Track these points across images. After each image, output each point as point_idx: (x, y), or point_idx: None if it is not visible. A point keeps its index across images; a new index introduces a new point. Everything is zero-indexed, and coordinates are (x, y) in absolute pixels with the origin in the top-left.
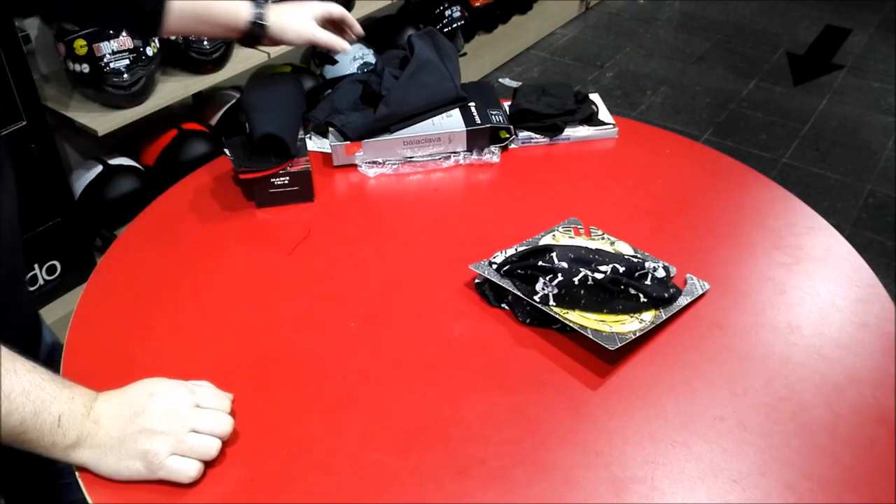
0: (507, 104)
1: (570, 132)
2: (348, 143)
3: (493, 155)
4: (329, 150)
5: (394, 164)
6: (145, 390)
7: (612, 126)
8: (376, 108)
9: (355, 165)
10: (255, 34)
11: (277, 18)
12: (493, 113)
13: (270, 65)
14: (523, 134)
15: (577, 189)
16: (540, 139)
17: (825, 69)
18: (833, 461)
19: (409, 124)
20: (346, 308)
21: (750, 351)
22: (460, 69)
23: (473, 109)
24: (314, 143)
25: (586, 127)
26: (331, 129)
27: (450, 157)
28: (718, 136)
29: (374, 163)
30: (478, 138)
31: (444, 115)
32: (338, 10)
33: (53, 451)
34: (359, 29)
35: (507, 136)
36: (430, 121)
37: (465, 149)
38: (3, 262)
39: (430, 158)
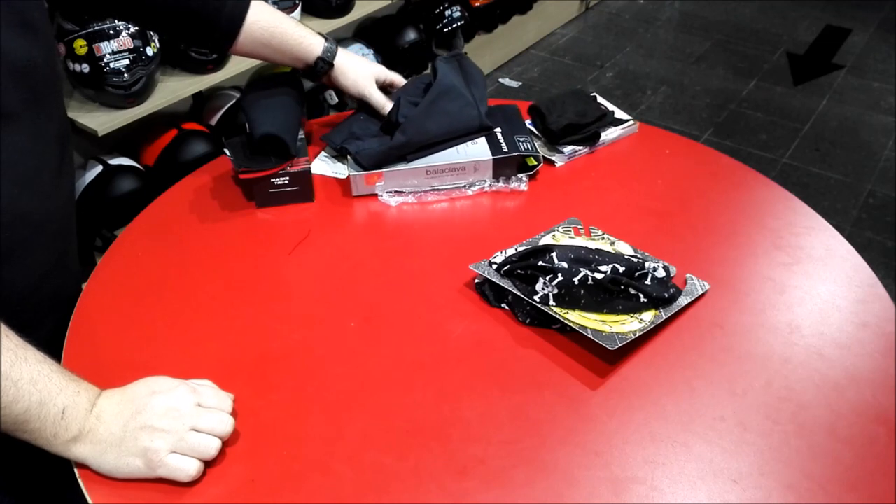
0: (528, 122)
1: (603, 136)
2: (368, 172)
3: (520, 183)
4: (339, 175)
5: (417, 192)
6: (148, 388)
7: (632, 122)
8: (393, 136)
9: (375, 195)
10: (320, 70)
11: (342, 63)
12: (521, 140)
13: (270, 65)
14: (568, 148)
15: (578, 189)
16: (582, 150)
17: (825, 69)
18: (833, 461)
19: (429, 153)
20: (346, 308)
21: (750, 351)
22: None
23: (500, 136)
24: (328, 167)
25: (613, 128)
26: (348, 156)
27: (475, 184)
28: (718, 136)
29: (396, 191)
30: (505, 167)
31: (468, 142)
32: (399, 82)
33: (54, 444)
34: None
35: (536, 163)
36: (454, 149)
37: (492, 178)
38: (54, 245)
39: (453, 186)
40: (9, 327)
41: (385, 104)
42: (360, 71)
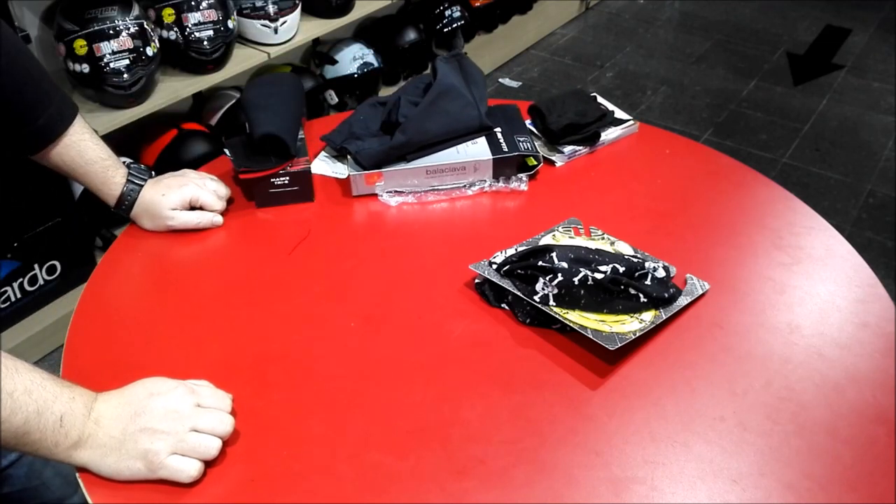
0: (528, 122)
1: (603, 136)
2: (368, 172)
3: (520, 183)
4: (339, 175)
5: (417, 192)
6: (146, 390)
7: (632, 122)
8: (393, 136)
9: (375, 195)
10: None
11: (140, 202)
12: (521, 140)
13: (270, 65)
14: (568, 148)
15: (578, 189)
16: (582, 150)
17: (825, 69)
18: (833, 461)
19: (429, 153)
20: (346, 308)
21: (750, 351)
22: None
23: (500, 136)
24: (328, 167)
25: (614, 128)
26: (348, 156)
27: (475, 184)
28: (718, 136)
29: (396, 191)
30: (505, 167)
31: (468, 142)
32: (202, 198)
33: (55, 452)
34: (224, 195)
35: (536, 163)
36: (453, 149)
37: (492, 178)
38: None
39: (453, 186)
40: None
41: (200, 217)
42: (159, 212)
